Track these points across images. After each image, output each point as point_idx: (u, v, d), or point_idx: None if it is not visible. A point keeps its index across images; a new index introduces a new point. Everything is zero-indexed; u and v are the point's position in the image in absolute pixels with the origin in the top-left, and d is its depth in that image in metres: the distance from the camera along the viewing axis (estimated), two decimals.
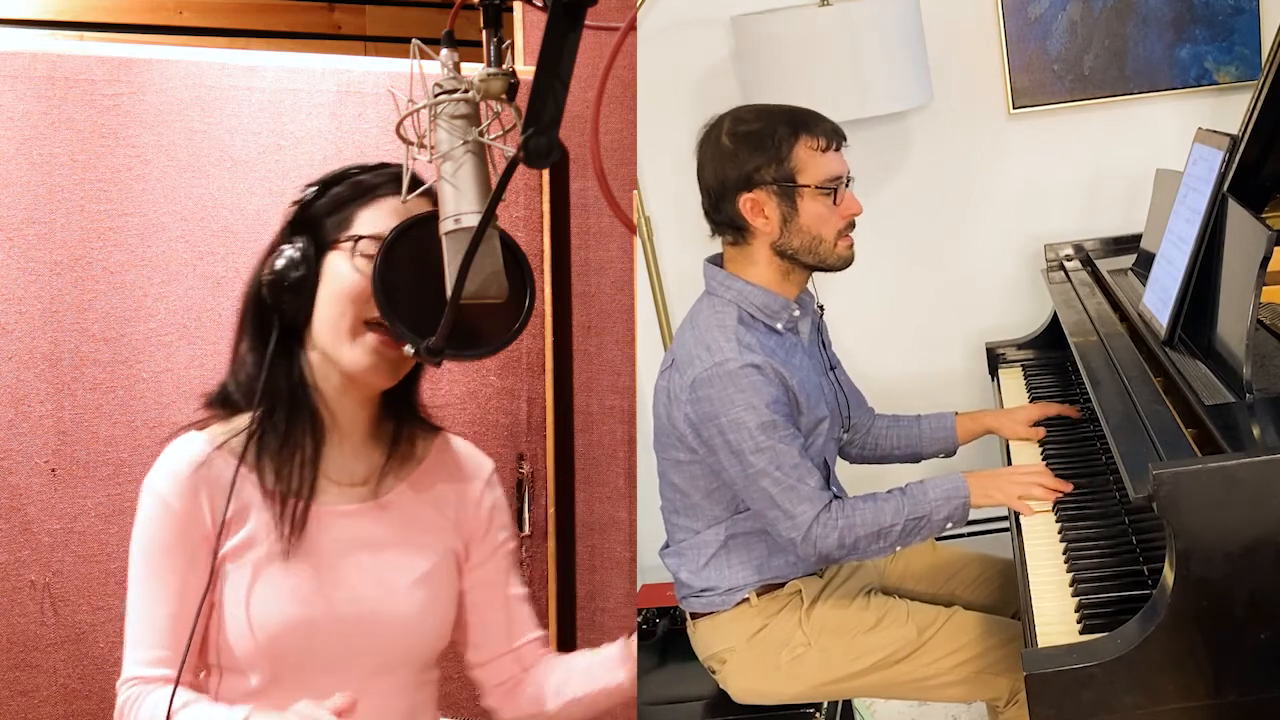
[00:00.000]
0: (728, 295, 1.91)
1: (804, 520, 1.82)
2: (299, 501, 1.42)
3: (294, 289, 1.40)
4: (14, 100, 1.79)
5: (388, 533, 1.47)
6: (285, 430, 1.42)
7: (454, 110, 1.26)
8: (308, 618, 1.40)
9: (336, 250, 1.40)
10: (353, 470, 1.47)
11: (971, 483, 1.88)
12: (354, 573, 1.44)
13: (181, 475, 1.41)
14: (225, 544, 1.41)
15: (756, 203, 1.88)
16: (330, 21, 3.14)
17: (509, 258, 1.30)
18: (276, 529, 1.41)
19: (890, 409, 2.30)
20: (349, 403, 1.46)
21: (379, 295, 1.32)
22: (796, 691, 1.97)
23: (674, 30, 2.87)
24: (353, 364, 1.40)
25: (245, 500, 1.42)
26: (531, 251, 1.94)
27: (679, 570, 2.01)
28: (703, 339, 1.87)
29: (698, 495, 1.95)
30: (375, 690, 1.44)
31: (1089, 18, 2.88)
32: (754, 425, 1.80)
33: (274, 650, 1.40)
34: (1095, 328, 2.18)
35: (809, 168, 1.88)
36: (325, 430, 1.45)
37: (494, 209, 1.21)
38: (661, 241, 2.86)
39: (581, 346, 2.05)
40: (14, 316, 1.81)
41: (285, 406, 1.42)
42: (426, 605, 1.47)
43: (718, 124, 1.93)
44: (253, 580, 1.41)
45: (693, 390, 1.84)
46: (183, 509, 1.40)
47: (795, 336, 1.97)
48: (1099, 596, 1.58)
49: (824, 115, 1.92)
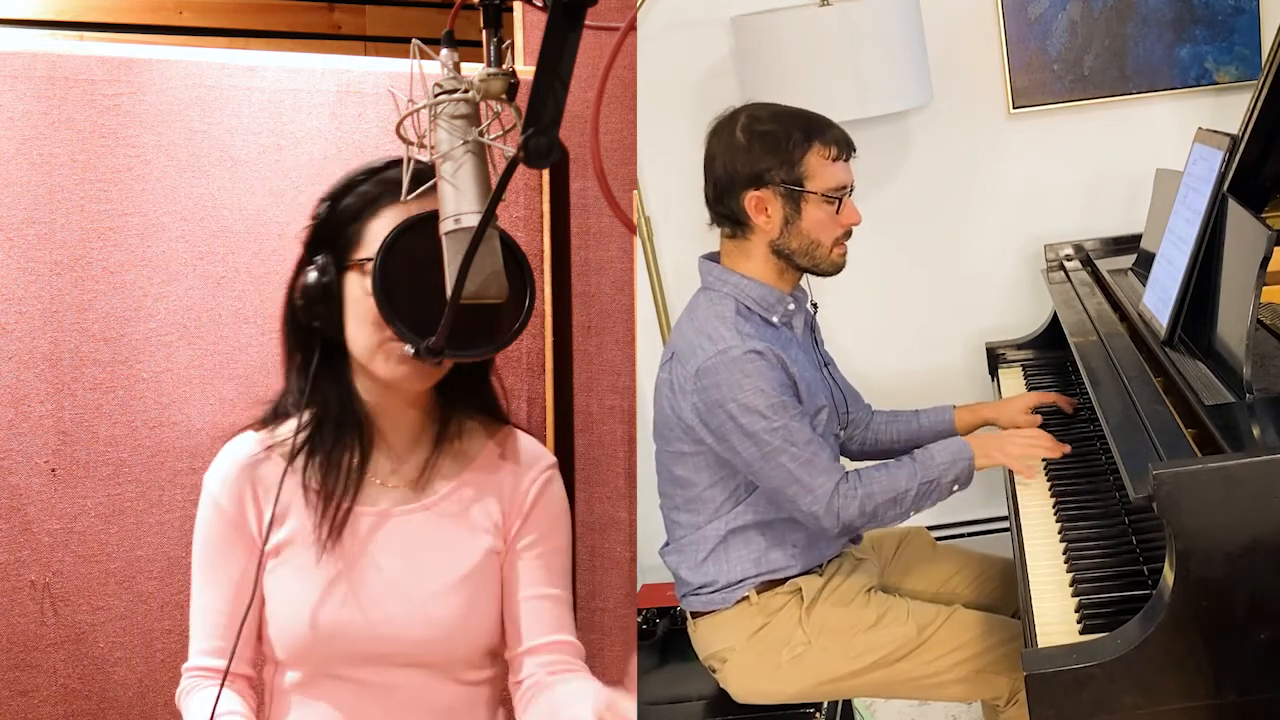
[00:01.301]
0: (724, 289, 1.93)
1: (824, 492, 1.85)
2: (341, 503, 1.45)
3: (324, 306, 1.43)
4: (14, 100, 1.79)
5: (431, 534, 1.49)
6: (334, 439, 1.46)
7: (454, 110, 1.26)
8: (336, 618, 1.43)
9: (352, 272, 1.42)
10: (400, 472, 1.50)
11: (974, 445, 1.94)
12: (385, 575, 1.46)
13: (230, 475, 1.48)
14: (270, 541, 1.46)
15: (761, 201, 1.90)
16: (330, 21, 3.14)
17: (509, 258, 1.31)
18: (315, 529, 1.45)
19: (890, 409, 2.30)
20: (395, 406, 1.49)
21: (379, 296, 1.33)
22: (797, 691, 1.97)
23: (674, 30, 2.87)
24: (388, 375, 1.43)
25: (290, 500, 1.46)
26: (531, 251, 1.94)
27: (679, 567, 2.02)
28: (703, 329, 1.89)
29: (701, 487, 1.96)
30: (413, 685, 1.47)
31: (1089, 18, 2.88)
32: (764, 406, 1.82)
33: (306, 647, 1.44)
34: (1095, 328, 2.18)
35: (818, 175, 1.90)
36: (373, 436, 1.48)
37: (494, 209, 1.21)
38: (661, 241, 2.86)
39: (581, 346, 2.05)
40: (14, 316, 1.81)
41: (333, 417, 1.46)
42: (467, 605, 1.48)
43: (733, 118, 1.95)
44: (290, 579, 1.46)
45: (698, 379, 1.86)
46: (231, 507, 1.47)
47: (790, 331, 1.99)
48: (1099, 596, 1.58)
49: (838, 125, 1.94)
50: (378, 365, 1.43)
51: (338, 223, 1.44)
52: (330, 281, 1.42)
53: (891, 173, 2.98)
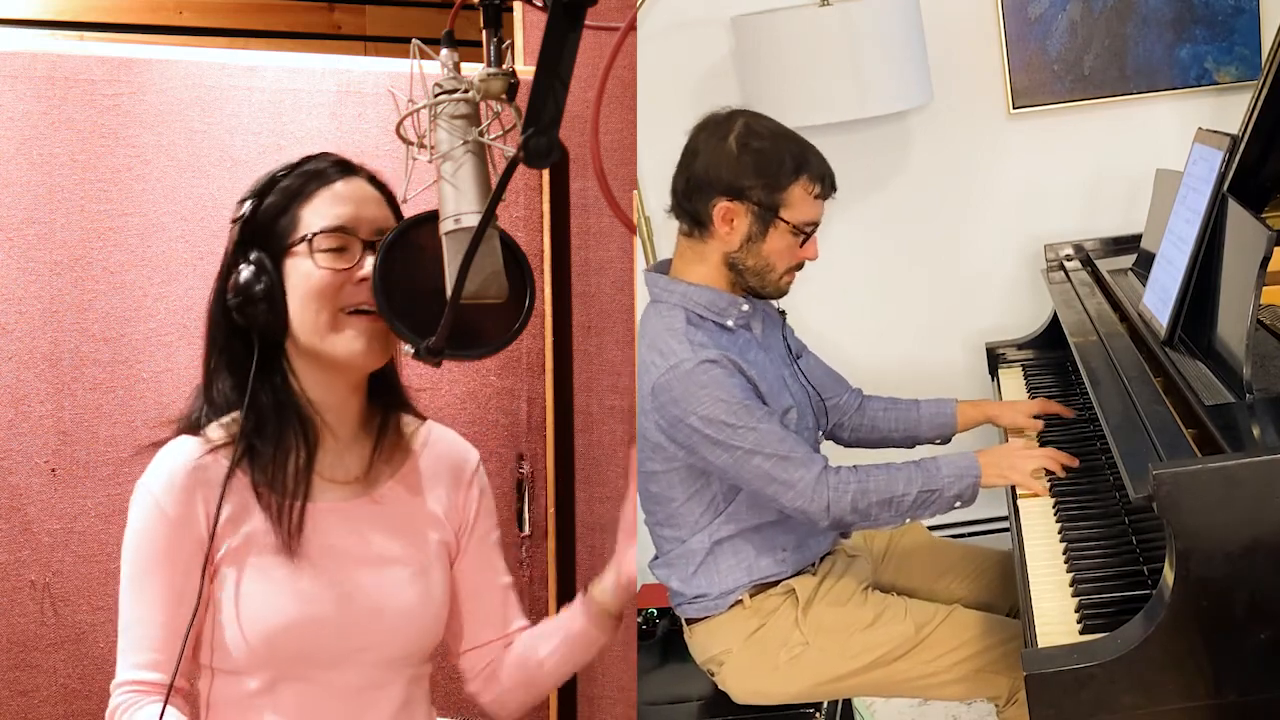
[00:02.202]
0: (672, 300, 1.90)
1: (805, 485, 1.83)
2: (295, 503, 1.42)
3: (264, 302, 1.39)
4: (14, 100, 1.79)
5: (383, 527, 1.48)
6: (277, 438, 1.42)
7: (454, 110, 1.26)
8: (308, 616, 1.40)
9: (293, 256, 1.40)
10: (346, 466, 1.48)
11: (984, 462, 1.89)
12: (351, 569, 1.44)
13: (176, 479, 1.40)
14: (221, 547, 1.41)
15: (730, 212, 1.87)
16: (330, 21, 3.14)
17: (509, 258, 1.30)
18: (274, 531, 1.41)
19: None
20: (338, 395, 1.46)
21: (379, 295, 1.32)
22: (795, 691, 1.97)
23: (674, 30, 2.87)
24: (345, 353, 1.40)
25: (241, 502, 1.42)
26: (531, 251, 1.94)
27: (670, 580, 2.01)
28: (654, 344, 1.86)
29: (677, 503, 1.94)
30: (373, 685, 1.44)
31: (1089, 18, 2.88)
32: (726, 414, 1.80)
33: (274, 651, 1.40)
34: (1095, 328, 2.18)
35: (797, 207, 1.88)
36: (318, 432, 1.45)
37: (494, 209, 1.21)
38: (661, 241, 2.86)
39: (581, 346, 2.05)
40: (14, 316, 1.81)
41: (274, 419, 1.42)
42: (423, 598, 1.47)
43: (728, 122, 1.91)
44: (251, 582, 1.41)
45: (654, 397, 1.84)
46: (176, 513, 1.40)
47: (748, 333, 1.96)
48: (1099, 596, 1.58)
49: (827, 162, 1.92)
50: (333, 345, 1.40)
51: (266, 217, 1.42)
52: (269, 273, 1.39)
53: (891, 173, 2.98)
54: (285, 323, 1.40)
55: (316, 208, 1.41)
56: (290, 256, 1.40)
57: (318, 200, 1.41)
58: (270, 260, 1.40)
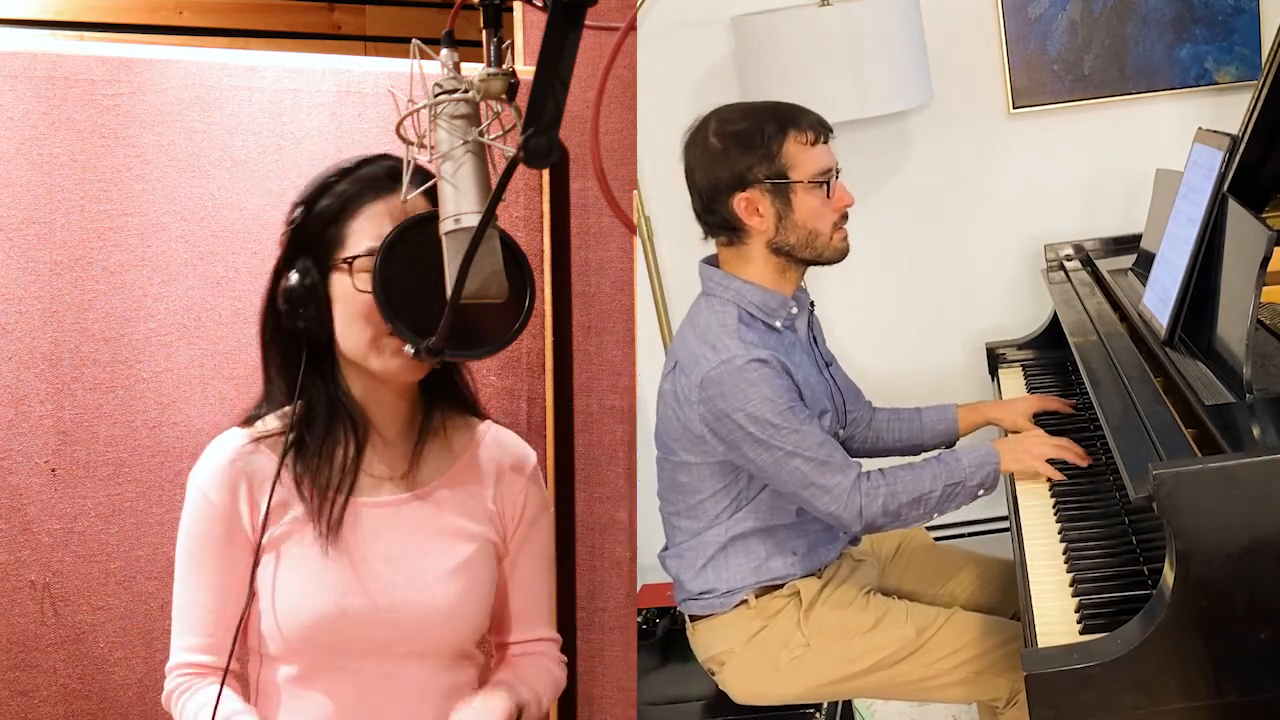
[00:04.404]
0: (726, 295, 1.91)
1: (841, 491, 1.83)
2: (338, 497, 1.45)
3: (311, 309, 1.42)
4: (14, 100, 1.79)
5: (425, 523, 1.50)
6: (325, 432, 1.46)
7: (454, 110, 1.26)
8: (343, 608, 1.44)
9: (337, 272, 1.42)
10: (392, 463, 1.51)
11: (1001, 449, 1.92)
12: (389, 563, 1.47)
13: (220, 469, 1.47)
14: (265, 535, 1.45)
15: (751, 202, 1.88)
16: (330, 21, 3.14)
17: (509, 258, 1.31)
18: (314, 524, 1.45)
19: (891, 406, 2.30)
20: (384, 397, 1.49)
21: (379, 295, 1.33)
22: (796, 692, 1.97)
23: (674, 30, 2.87)
24: (382, 369, 1.43)
25: (286, 493, 1.46)
26: (531, 251, 1.94)
27: (678, 572, 2.02)
28: (706, 338, 1.87)
29: (705, 495, 1.95)
30: (409, 675, 1.47)
31: (1089, 18, 2.88)
32: (772, 415, 1.81)
33: (309, 640, 1.44)
34: (1095, 328, 2.18)
35: (800, 163, 1.88)
36: (365, 429, 1.49)
37: (494, 209, 1.21)
38: (661, 241, 2.86)
39: (581, 346, 2.05)
40: (14, 316, 1.81)
41: (324, 417, 1.46)
42: (463, 594, 1.49)
43: (703, 126, 1.93)
44: (288, 570, 1.45)
45: (703, 389, 1.84)
46: (221, 502, 1.46)
47: (793, 334, 1.98)
48: (1099, 596, 1.58)
49: (808, 108, 1.92)
50: (372, 361, 1.43)
51: (316, 225, 1.44)
52: (315, 284, 1.42)
53: (891, 173, 2.98)
54: (331, 330, 1.44)
55: (362, 226, 1.42)
56: (336, 270, 1.43)
57: (363, 217, 1.43)
58: (318, 269, 1.43)
